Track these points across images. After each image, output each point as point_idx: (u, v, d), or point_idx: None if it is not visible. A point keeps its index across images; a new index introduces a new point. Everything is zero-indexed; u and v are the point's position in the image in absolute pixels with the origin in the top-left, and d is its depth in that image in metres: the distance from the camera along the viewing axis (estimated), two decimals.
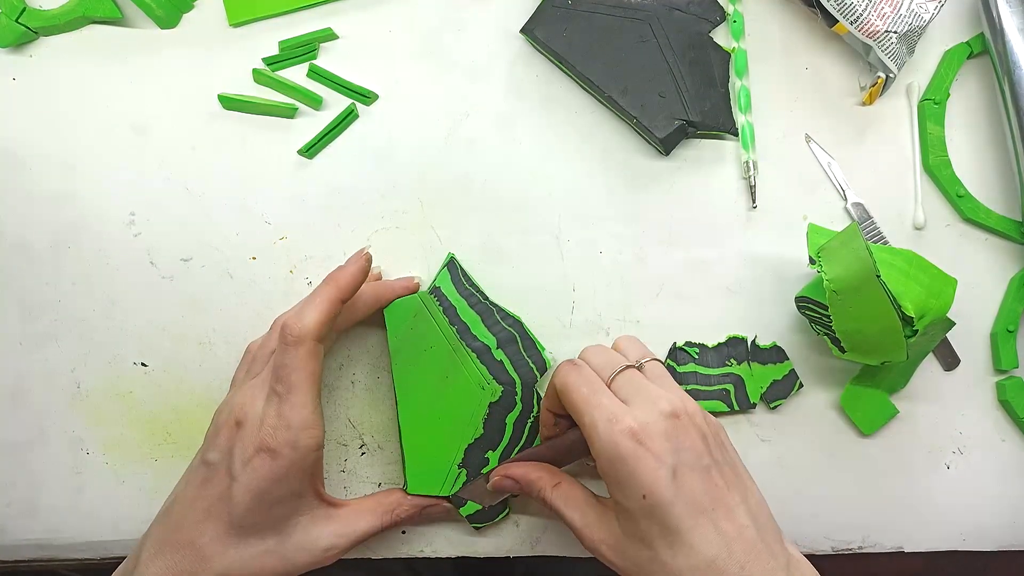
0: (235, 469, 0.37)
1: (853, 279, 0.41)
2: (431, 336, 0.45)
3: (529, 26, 0.48)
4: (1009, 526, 0.49)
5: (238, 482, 0.37)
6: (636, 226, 0.49)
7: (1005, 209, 0.50)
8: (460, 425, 0.44)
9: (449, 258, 0.47)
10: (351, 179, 0.48)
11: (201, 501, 0.38)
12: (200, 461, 0.40)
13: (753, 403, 0.47)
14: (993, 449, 0.49)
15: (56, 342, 0.47)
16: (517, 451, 0.45)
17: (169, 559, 0.37)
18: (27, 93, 0.48)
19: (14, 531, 0.47)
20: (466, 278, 0.46)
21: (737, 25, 0.50)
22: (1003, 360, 0.48)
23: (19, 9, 0.47)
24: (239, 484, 0.37)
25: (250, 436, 0.38)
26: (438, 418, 0.44)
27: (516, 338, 0.45)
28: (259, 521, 0.38)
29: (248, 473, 0.37)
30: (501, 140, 0.49)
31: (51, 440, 0.47)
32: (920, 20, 0.47)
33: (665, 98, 0.47)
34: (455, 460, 0.44)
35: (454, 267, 0.46)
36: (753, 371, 0.47)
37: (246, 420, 0.38)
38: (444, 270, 0.46)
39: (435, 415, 0.44)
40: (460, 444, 0.44)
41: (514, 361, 0.45)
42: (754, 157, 0.49)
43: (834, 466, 0.48)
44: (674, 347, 0.48)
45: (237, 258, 0.48)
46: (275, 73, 0.48)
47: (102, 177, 0.48)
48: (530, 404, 0.45)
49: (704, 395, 0.47)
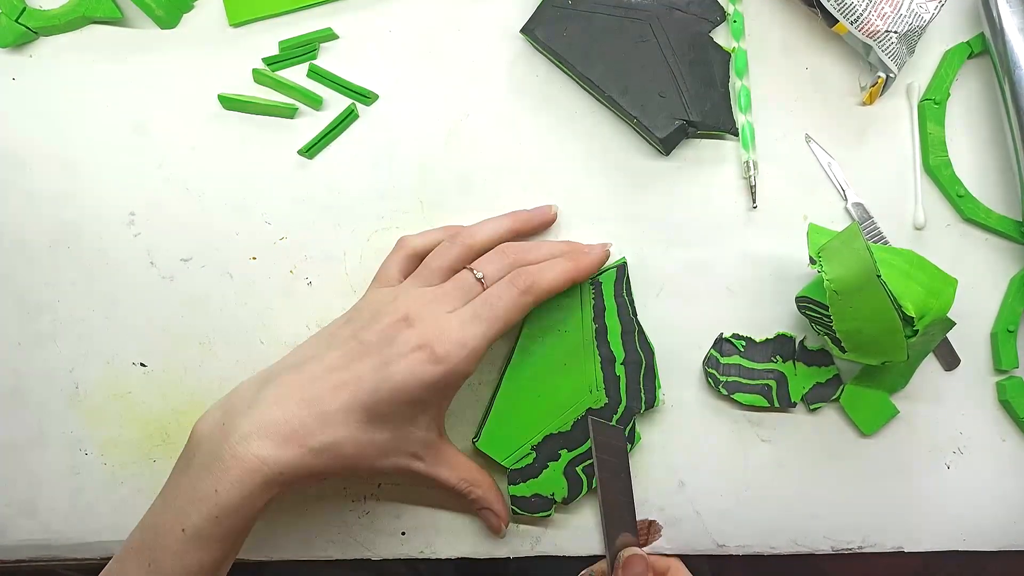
0: (390, 357, 0.38)
1: (853, 279, 0.41)
2: (571, 321, 0.46)
3: (529, 26, 0.48)
4: (1009, 526, 0.49)
5: (388, 370, 0.38)
6: (636, 226, 0.49)
7: (1005, 209, 0.50)
8: (553, 413, 0.45)
9: (621, 261, 0.47)
10: (351, 179, 0.48)
11: (344, 372, 0.38)
12: (352, 335, 0.40)
13: (794, 402, 0.47)
14: (993, 449, 0.49)
15: (55, 342, 0.47)
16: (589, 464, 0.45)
17: (291, 411, 0.37)
18: (27, 93, 0.48)
19: (13, 531, 0.47)
20: (627, 287, 0.47)
21: (737, 25, 0.50)
22: (1003, 360, 0.48)
23: (19, 9, 0.47)
24: (388, 373, 0.38)
25: (418, 335, 0.38)
26: (538, 395, 0.45)
27: (642, 364, 0.46)
28: (386, 413, 0.38)
29: (402, 366, 0.38)
30: (501, 140, 0.49)
31: (50, 440, 0.47)
32: (920, 20, 0.47)
33: (665, 98, 0.47)
34: (531, 440, 0.45)
35: (622, 272, 0.47)
36: (797, 371, 0.48)
37: (419, 320, 0.39)
38: (613, 270, 0.47)
39: (537, 391, 0.45)
40: (543, 429, 0.45)
41: (630, 384, 0.46)
42: (754, 157, 0.49)
43: (834, 466, 0.48)
44: (720, 337, 0.48)
45: (237, 258, 0.48)
46: (275, 73, 0.48)
47: (102, 177, 0.48)
48: (621, 430, 0.46)
49: (745, 388, 0.47)
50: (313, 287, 0.48)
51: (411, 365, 0.38)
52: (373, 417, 0.38)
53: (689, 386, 0.48)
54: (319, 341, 0.41)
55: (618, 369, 0.46)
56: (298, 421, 0.37)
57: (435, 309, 0.39)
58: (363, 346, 0.39)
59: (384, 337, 0.39)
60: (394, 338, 0.38)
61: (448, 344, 0.38)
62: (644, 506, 0.48)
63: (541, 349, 0.45)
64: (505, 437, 0.45)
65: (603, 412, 0.45)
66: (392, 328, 0.39)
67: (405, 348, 0.38)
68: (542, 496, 0.45)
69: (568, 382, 0.45)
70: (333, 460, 0.38)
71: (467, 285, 0.41)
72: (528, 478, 0.45)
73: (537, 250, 0.44)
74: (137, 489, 0.47)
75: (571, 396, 0.45)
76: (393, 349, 0.38)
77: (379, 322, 0.39)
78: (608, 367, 0.46)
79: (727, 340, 0.48)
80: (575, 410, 0.45)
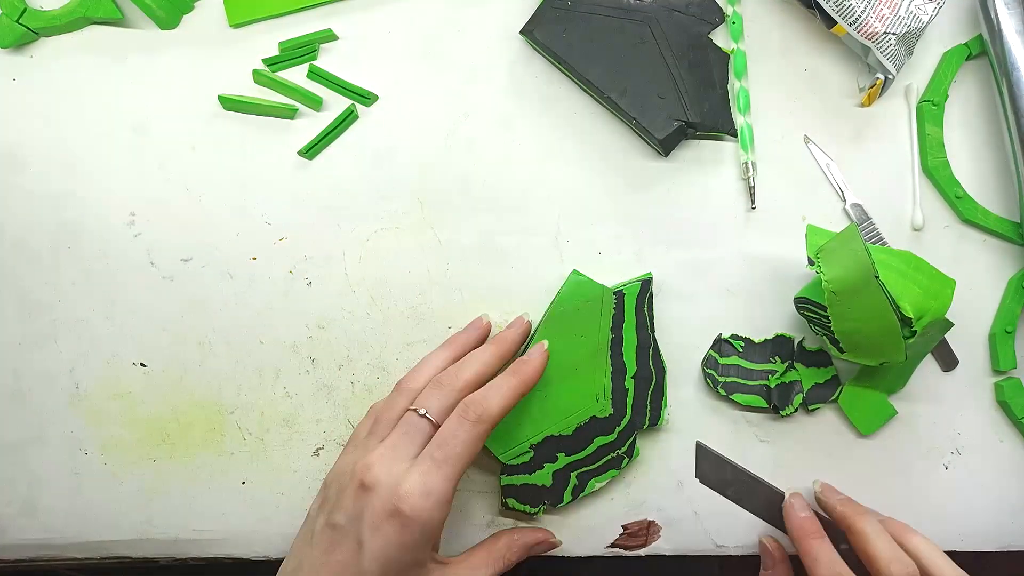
0: (363, 535, 0.37)
1: (852, 280, 0.41)
2: (589, 328, 0.45)
3: (529, 27, 0.48)
4: (1007, 526, 0.49)
5: (366, 549, 0.37)
6: (635, 227, 0.49)
7: (1003, 210, 0.50)
8: (557, 415, 0.45)
9: (647, 276, 0.47)
10: (351, 180, 0.48)
11: (328, 568, 0.38)
12: (325, 523, 0.39)
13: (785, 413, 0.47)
14: (991, 450, 0.49)
15: (55, 342, 0.47)
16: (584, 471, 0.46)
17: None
18: (27, 93, 0.48)
19: (14, 531, 0.47)
20: (649, 303, 0.46)
21: (736, 26, 0.50)
22: (1001, 361, 0.49)
23: (20, 10, 0.47)
24: (367, 551, 0.37)
25: (382, 501, 0.37)
26: (544, 396, 0.45)
27: (652, 381, 0.46)
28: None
29: (377, 540, 0.37)
30: (501, 141, 0.49)
31: (50, 440, 0.47)
32: (919, 22, 0.47)
33: (664, 99, 0.47)
34: (531, 439, 0.45)
35: (646, 287, 0.46)
36: (797, 371, 0.48)
37: (377, 484, 0.37)
38: (637, 283, 0.46)
39: (544, 391, 0.45)
40: (545, 430, 0.45)
41: (637, 398, 0.46)
42: (753, 158, 0.49)
43: (832, 466, 0.48)
44: (719, 338, 0.48)
45: (237, 258, 0.48)
46: (275, 74, 0.48)
47: (102, 177, 0.48)
48: (623, 442, 0.46)
49: (744, 389, 0.47)
50: (313, 287, 0.48)
51: (385, 537, 0.37)
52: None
53: (688, 386, 0.48)
54: (302, 539, 0.40)
55: (628, 382, 0.46)
56: None
57: (392, 465, 0.38)
58: (336, 532, 0.38)
59: (352, 515, 0.38)
60: (361, 512, 0.37)
61: (413, 499, 0.37)
62: (643, 506, 0.48)
63: (554, 350, 0.45)
64: (506, 433, 0.45)
65: (607, 423, 0.45)
66: (356, 500, 0.38)
67: (375, 519, 0.37)
68: (534, 486, 0.45)
69: (576, 387, 0.45)
70: None
71: (415, 428, 0.40)
72: (520, 474, 0.45)
73: (471, 368, 0.42)
74: (137, 489, 0.47)
75: (577, 401, 0.45)
76: (364, 524, 0.37)
77: (344, 497, 0.38)
78: (618, 378, 0.46)
79: (726, 341, 0.48)
80: (579, 415, 0.45)
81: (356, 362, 0.48)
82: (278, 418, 0.47)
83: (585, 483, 0.46)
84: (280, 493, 0.47)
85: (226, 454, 0.47)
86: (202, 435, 0.47)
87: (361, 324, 0.48)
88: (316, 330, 0.48)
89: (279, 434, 0.47)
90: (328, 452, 0.47)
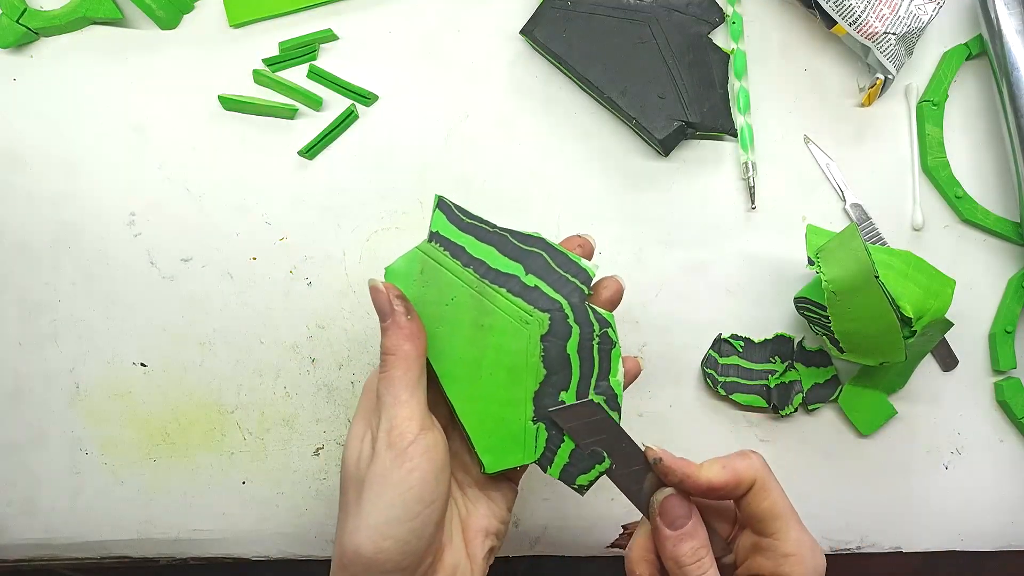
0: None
1: (852, 280, 0.41)
2: (447, 287, 0.38)
3: (529, 27, 0.48)
4: (1007, 526, 0.49)
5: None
6: (635, 227, 0.49)
7: (1003, 210, 0.50)
8: (518, 375, 0.37)
9: (437, 199, 0.39)
10: (351, 180, 0.48)
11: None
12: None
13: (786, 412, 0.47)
14: (991, 449, 0.49)
15: (55, 342, 0.47)
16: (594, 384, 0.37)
17: None
18: (27, 93, 0.48)
19: (14, 531, 0.47)
20: (464, 212, 0.39)
21: (736, 26, 0.50)
22: (1001, 361, 0.49)
23: (20, 10, 0.47)
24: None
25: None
26: (490, 376, 0.37)
27: (544, 256, 0.38)
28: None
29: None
30: (501, 140, 0.49)
31: (50, 440, 0.47)
32: (918, 22, 0.47)
33: (664, 99, 0.47)
34: (527, 417, 0.37)
35: (446, 205, 0.39)
36: (797, 371, 0.48)
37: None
38: (436, 211, 0.39)
39: (485, 374, 0.37)
40: (526, 396, 0.37)
41: (550, 281, 0.38)
42: (753, 158, 0.49)
43: (832, 466, 0.48)
44: (719, 338, 0.48)
45: (237, 258, 0.48)
46: (275, 74, 0.48)
47: (102, 177, 0.48)
48: (588, 324, 0.37)
49: (744, 388, 0.47)
50: (313, 287, 0.48)
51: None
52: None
53: (688, 386, 0.48)
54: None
55: (528, 280, 0.38)
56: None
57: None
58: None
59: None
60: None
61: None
62: None
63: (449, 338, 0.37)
64: (503, 441, 0.37)
65: (555, 327, 0.37)
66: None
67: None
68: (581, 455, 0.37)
69: (500, 336, 0.37)
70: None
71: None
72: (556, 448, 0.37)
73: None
74: (137, 489, 0.47)
75: (516, 344, 0.37)
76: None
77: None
78: (517, 286, 0.38)
79: (726, 340, 0.48)
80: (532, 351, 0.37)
81: (356, 362, 0.48)
82: (278, 418, 0.47)
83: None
84: (280, 493, 0.47)
85: (226, 454, 0.47)
86: (202, 435, 0.47)
87: (361, 324, 0.48)
88: (316, 330, 0.48)
89: (279, 434, 0.47)
90: (328, 452, 0.47)
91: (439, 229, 0.39)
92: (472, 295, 0.38)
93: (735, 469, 0.34)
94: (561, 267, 0.38)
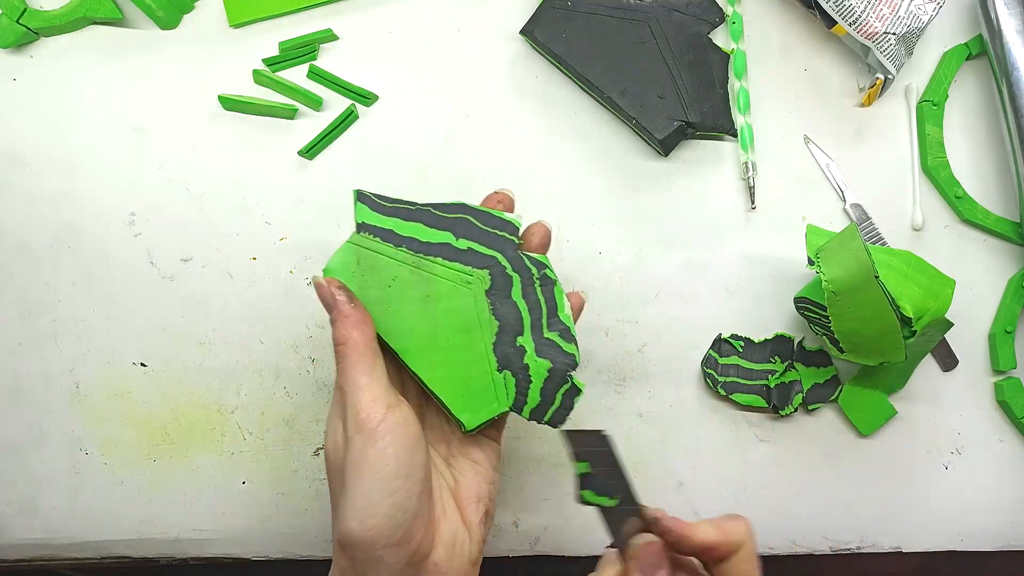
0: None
1: (852, 280, 0.41)
2: (386, 269, 0.39)
3: (529, 27, 0.48)
4: (1007, 526, 0.49)
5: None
6: (635, 227, 0.49)
7: (1003, 210, 0.50)
8: (472, 333, 0.39)
9: (356, 193, 0.40)
10: (351, 179, 0.48)
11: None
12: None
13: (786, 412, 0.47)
14: (991, 449, 0.49)
15: (55, 342, 0.47)
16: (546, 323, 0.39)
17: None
18: (27, 93, 0.48)
19: (14, 531, 0.47)
20: (384, 199, 0.40)
21: (736, 26, 0.50)
22: (1001, 361, 0.49)
23: (20, 10, 0.47)
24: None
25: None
26: (447, 341, 0.39)
27: (470, 219, 0.40)
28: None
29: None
30: (501, 140, 0.49)
31: (50, 440, 0.47)
32: (918, 22, 0.47)
33: (664, 99, 0.47)
34: (491, 369, 0.39)
35: (365, 196, 0.40)
36: (797, 371, 0.48)
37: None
38: (358, 204, 0.40)
39: (442, 341, 0.39)
40: (486, 350, 0.39)
41: (481, 240, 0.39)
42: (753, 158, 0.49)
43: (832, 466, 0.48)
44: (719, 338, 0.48)
45: (237, 258, 0.48)
46: (275, 74, 0.48)
47: (102, 177, 0.48)
48: (526, 270, 0.39)
49: (744, 388, 0.47)
50: (312, 287, 0.48)
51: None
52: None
53: (688, 386, 0.48)
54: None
55: (460, 244, 0.39)
56: None
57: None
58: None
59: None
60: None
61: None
62: None
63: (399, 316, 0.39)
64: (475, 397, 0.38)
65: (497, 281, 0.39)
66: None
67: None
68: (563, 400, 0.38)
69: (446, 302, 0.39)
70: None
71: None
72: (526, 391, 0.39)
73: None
74: (137, 489, 0.47)
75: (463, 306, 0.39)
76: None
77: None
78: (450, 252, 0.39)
79: (726, 340, 0.48)
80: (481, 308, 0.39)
81: None
82: (278, 418, 0.47)
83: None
84: (280, 493, 0.47)
85: (226, 454, 0.47)
86: (202, 435, 0.47)
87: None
88: (316, 330, 0.48)
89: (279, 434, 0.47)
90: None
91: (364, 219, 0.40)
92: (411, 271, 0.39)
93: (726, 531, 0.34)
94: (488, 225, 0.40)
